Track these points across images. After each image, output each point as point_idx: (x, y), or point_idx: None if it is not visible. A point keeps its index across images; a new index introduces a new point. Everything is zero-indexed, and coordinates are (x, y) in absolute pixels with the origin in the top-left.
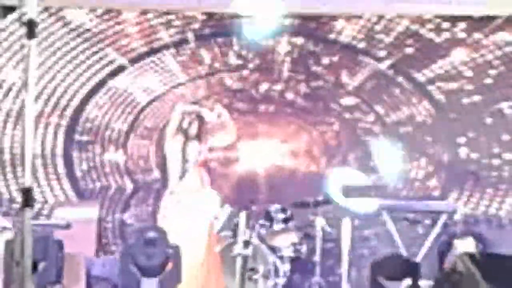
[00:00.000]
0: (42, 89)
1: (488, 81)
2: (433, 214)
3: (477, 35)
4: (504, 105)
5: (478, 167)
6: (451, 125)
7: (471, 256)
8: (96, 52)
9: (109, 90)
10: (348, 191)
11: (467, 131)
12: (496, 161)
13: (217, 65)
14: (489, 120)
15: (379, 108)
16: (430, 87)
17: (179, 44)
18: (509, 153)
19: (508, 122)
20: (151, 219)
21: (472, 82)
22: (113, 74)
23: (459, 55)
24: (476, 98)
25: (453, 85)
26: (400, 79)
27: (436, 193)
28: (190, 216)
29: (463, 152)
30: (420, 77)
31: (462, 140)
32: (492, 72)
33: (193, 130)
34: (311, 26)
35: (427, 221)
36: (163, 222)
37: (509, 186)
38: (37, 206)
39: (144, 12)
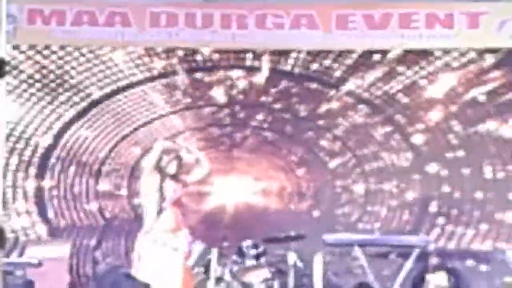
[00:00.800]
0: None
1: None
2: (406, 248)
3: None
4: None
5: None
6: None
7: None
8: (71, 87)
9: (81, 126)
10: None
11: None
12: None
13: (195, 99)
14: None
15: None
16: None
17: (156, 78)
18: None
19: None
20: (123, 256)
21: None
22: (87, 109)
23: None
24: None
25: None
26: (377, 119)
27: (409, 228)
28: (166, 256)
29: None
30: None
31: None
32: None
33: (172, 169)
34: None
35: (400, 256)
36: (139, 261)
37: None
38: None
39: (125, 47)
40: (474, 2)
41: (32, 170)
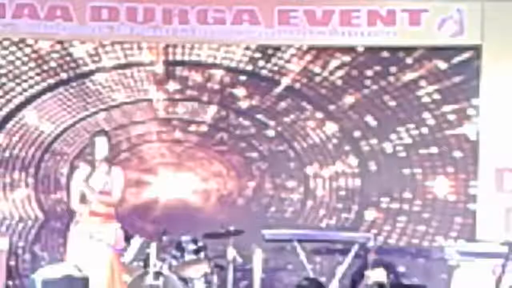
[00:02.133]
0: None
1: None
2: (345, 244)
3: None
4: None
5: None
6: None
7: (381, 286)
8: (8, 81)
9: (20, 119)
10: None
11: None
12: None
13: (143, 92)
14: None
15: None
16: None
17: (100, 71)
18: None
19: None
20: (62, 250)
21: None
22: (25, 103)
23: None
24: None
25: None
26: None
27: (349, 223)
28: (92, 247)
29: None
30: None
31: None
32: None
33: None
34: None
35: (339, 252)
36: (70, 252)
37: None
38: None
39: (60, 41)
40: (415, 1)
41: None
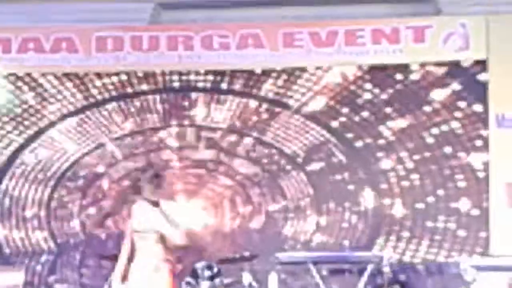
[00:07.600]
0: None
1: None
2: (360, 264)
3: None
4: None
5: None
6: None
7: None
8: (27, 108)
9: (32, 152)
10: None
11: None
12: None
13: (155, 121)
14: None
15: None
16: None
17: (110, 101)
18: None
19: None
20: (77, 282)
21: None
22: (37, 134)
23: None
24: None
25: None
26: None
27: (362, 243)
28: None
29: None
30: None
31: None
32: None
33: None
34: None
35: (354, 272)
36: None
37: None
38: None
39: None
40: (419, 17)
41: None
